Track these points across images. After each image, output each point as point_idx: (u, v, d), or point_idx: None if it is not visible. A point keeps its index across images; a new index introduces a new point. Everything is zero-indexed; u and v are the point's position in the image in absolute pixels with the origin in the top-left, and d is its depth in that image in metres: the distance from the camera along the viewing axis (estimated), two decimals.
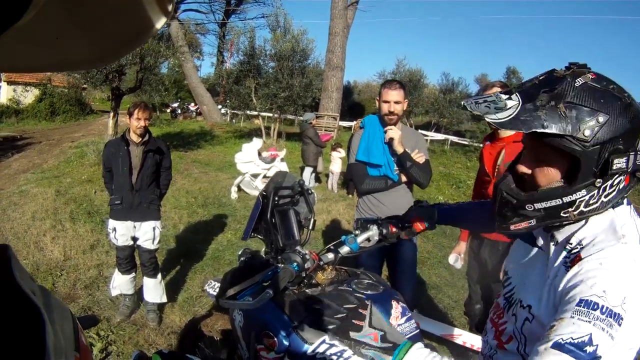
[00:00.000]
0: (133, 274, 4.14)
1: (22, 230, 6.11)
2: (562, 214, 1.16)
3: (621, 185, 1.13)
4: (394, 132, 3.14)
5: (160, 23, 0.55)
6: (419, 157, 3.22)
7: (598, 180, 1.10)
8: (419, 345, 1.17)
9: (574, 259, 1.14)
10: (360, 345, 1.32)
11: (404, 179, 3.25)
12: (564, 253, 1.19)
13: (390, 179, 3.24)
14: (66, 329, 0.64)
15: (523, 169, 1.21)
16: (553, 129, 1.05)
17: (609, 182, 1.11)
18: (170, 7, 0.54)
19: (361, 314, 1.14)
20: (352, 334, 1.16)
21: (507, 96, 1.12)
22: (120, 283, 4.08)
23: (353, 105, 34.83)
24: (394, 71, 26.41)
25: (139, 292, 4.25)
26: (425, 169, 3.22)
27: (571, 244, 1.18)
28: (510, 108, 1.09)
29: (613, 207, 1.17)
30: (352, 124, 11.21)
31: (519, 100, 1.10)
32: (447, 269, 5.97)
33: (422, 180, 3.21)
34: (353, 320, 1.13)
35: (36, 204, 7.28)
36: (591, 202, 1.13)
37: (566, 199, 1.13)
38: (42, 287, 0.64)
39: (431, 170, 3.32)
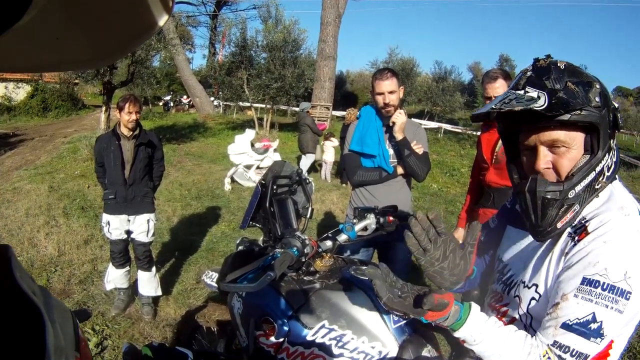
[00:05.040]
0: (127, 268, 4.12)
1: (15, 227, 6.09)
2: (596, 187, 1.20)
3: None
4: (399, 117, 2.98)
5: (162, 20, 0.53)
6: (418, 148, 3.05)
7: (611, 140, 1.18)
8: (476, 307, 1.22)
9: (580, 232, 1.19)
10: None
11: (399, 171, 3.08)
12: (569, 230, 1.23)
13: (384, 170, 3.08)
14: (67, 329, 0.64)
15: (545, 164, 1.20)
16: (576, 105, 1.11)
17: (614, 142, 1.21)
18: (171, 4, 0.52)
19: None
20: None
21: (523, 90, 1.17)
22: (114, 277, 4.06)
23: (346, 95, 34.78)
24: (386, 60, 26.50)
25: (133, 286, 4.23)
26: (423, 160, 3.05)
27: (575, 221, 1.22)
28: (540, 98, 1.12)
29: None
30: (345, 113, 11.16)
31: (537, 90, 1.14)
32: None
33: (419, 171, 3.04)
34: None
35: (29, 201, 7.26)
36: (610, 165, 1.20)
37: (598, 169, 1.18)
38: (43, 288, 0.63)
39: (430, 163, 3.15)
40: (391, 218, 2.09)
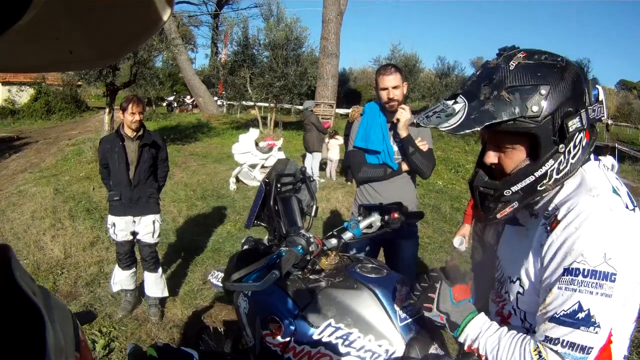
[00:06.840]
0: (133, 269, 4.13)
1: (21, 230, 6.12)
2: (539, 188, 1.21)
3: (584, 143, 1.19)
4: (403, 113, 2.95)
5: (166, 15, 0.52)
6: (422, 144, 3.04)
7: (560, 146, 1.16)
8: (481, 316, 1.31)
9: (552, 222, 1.19)
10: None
11: (404, 167, 3.07)
12: (543, 220, 1.25)
13: (389, 167, 3.06)
14: (67, 329, 0.64)
15: (490, 159, 1.27)
16: (503, 117, 1.11)
17: (572, 144, 1.17)
18: None
19: (430, 298, 1.36)
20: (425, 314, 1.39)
21: (453, 101, 1.19)
22: (121, 279, 4.07)
23: (349, 93, 34.72)
24: (389, 57, 26.42)
25: (140, 287, 4.24)
26: (428, 157, 3.05)
27: (549, 211, 1.24)
28: (459, 111, 1.15)
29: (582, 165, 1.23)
30: (349, 111, 11.15)
31: (464, 102, 1.16)
32: (449, 254, 5.96)
33: (424, 168, 3.03)
34: (424, 304, 1.37)
35: (35, 204, 7.28)
36: (561, 167, 1.19)
37: (538, 174, 1.19)
38: (43, 288, 0.64)
39: (434, 159, 3.15)
40: (396, 215, 2.08)
